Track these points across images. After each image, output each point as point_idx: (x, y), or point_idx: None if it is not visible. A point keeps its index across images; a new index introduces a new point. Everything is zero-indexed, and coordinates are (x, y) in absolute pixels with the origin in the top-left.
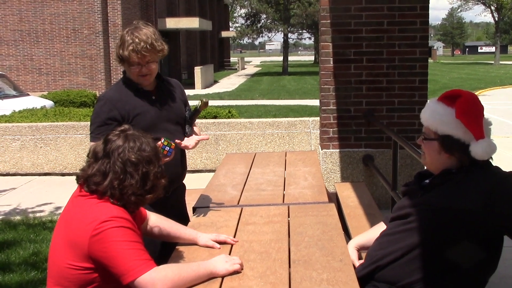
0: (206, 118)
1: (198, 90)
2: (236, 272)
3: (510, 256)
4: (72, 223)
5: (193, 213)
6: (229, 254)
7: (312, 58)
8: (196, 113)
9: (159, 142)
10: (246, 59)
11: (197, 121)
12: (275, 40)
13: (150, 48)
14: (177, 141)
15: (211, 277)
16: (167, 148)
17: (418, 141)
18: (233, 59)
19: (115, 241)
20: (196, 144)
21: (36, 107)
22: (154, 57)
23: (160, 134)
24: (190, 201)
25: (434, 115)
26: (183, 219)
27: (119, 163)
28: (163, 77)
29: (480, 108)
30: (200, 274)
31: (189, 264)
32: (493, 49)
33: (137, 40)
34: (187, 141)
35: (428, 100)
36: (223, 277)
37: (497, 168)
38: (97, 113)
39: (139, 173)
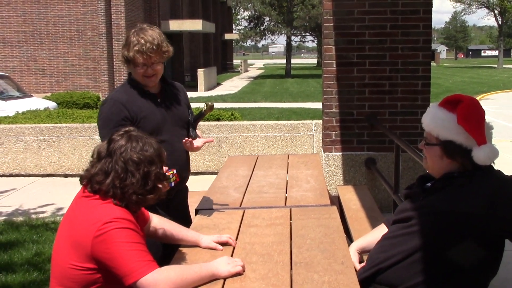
0: (209, 120)
1: (201, 93)
2: (238, 274)
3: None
4: (76, 223)
5: (195, 215)
6: (231, 256)
7: (315, 61)
8: (200, 116)
9: (168, 173)
10: (249, 61)
11: (200, 123)
12: (278, 42)
13: (155, 49)
14: (186, 139)
15: (213, 279)
16: (172, 184)
17: (420, 145)
18: (236, 62)
19: (118, 242)
20: (201, 146)
21: (39, 109)
22: (159, 58)
23: (165, 136)
24: (193, 203)
25: (436, 121)
26: (186, 221)
27: (121, 162)
28: (168, 80)
29: (481, 113)
30: (202, 275)
31: (191, 265)
32: (496, 52)
33: (142, 41)
34: (196, 142)
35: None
36: (225, 279)
37: (499, 172)
38: (108, 116)
39: (140, 172)
